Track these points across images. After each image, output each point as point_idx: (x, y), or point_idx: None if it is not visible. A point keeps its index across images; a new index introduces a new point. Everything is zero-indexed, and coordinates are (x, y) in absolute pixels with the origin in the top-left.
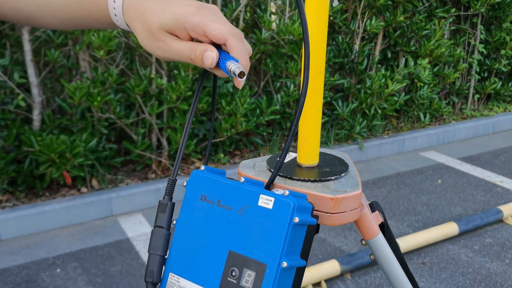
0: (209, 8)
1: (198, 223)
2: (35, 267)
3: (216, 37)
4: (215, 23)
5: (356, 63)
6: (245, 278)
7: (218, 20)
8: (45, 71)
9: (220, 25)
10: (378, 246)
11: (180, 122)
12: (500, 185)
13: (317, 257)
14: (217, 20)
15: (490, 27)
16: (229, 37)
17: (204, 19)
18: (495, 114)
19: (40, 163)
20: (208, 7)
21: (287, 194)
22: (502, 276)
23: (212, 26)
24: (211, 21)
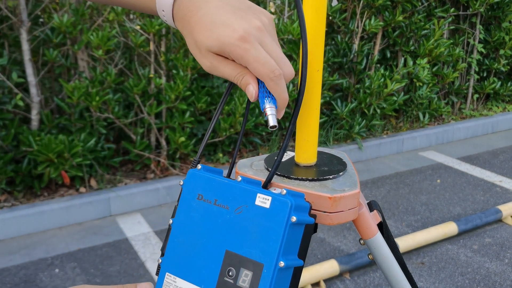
0: (255, 36)
1: (194, 222)
2: (33, 267)
3: (256, 76)
4: (256, 62)
5: (355, 62)
6: (242, 278)
7: (260, 58)
8: (43, 71)
9: (260, 65)
10: (377, 246)
11: (178, 121)
12: (499, 185)
13: (316, 257)
14: (259, 57)
15: (489, 27)
16: (267, 80)
17: (247, 54)
18: (494, 114)
19: (39, 163)
20: (254, 35)
21: (284, 193)
22: (501, 276)
23: (253, 65)
24: (253, 59)
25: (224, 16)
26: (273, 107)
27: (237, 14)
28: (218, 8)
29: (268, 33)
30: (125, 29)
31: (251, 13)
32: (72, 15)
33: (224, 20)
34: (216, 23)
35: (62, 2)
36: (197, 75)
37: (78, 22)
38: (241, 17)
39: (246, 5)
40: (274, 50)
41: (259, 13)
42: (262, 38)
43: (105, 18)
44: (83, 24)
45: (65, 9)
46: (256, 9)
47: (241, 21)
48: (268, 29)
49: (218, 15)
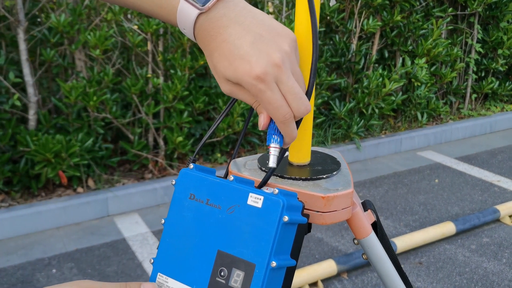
0: (272, 75)
1: (186, 222)
2: (30, 268)
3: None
4: (269, 104)
5: (353, 62)
6: (234, 278)
7: (273, 101)
8: (40, 71)
9: (273, 108)
10: (371, 246)
11: (176, 121)
12: (497, 185)
13: (314, 257)
14: (272, 100)
15: (487, 26)
16: (277, 122)
17: (261, 94)
18: (492, 113)
19: (36, 163)
20: (271, 74)
21: (276, 193)
22: (499, 276)
23: (266, 106)
24: (267, 100)
25: (243, 48)
26: (278, 147)
27: (257, 45)
28: (238, 37)
29: (289, 63)
30: (123, 28)
31: (273, 42)
32: (69, 14)
33: (242, 53)
34: (234, 55)
35: (59, 2)
36: (194, 75)
37: (76, 22)
38: (260, 50)
39: (269, 29)
40: (290, 88)
41: (281, 39)
42: (280, 76)
43: (102, 17)
44: (80, 23)
45: (62, 9)
46: (279, 34)
47: (260, 56)
48: (290, 58)
49: (237, 45)
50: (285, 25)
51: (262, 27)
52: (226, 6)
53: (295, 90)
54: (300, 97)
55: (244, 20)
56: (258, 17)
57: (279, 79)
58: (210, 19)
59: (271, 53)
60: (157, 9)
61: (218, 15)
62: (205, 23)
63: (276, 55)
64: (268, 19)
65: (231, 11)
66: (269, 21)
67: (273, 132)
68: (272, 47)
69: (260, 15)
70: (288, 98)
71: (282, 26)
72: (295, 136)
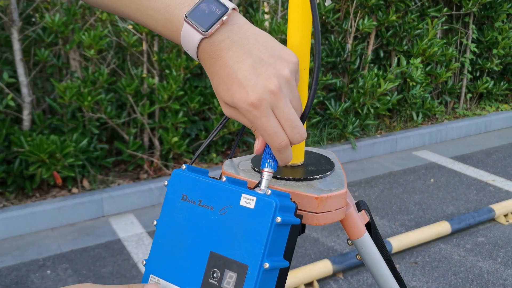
0: (268, 102)
1: (179, 223)
2: (25, 269)
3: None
4: (264, 131)
5: (348, 62)
6: (227, 280)
7: (268, 128)
8: (35, 71)
9: (267, 135)
10: (364, 246)
11: (171, 121)
12: (492, 184)
13: (309, 257)
14: (267, 127)
15: (482, 26)
16: (272, 149)
17: (256, 121)
18: (487, 113)
19: (30, 164)
20: (267, 101)
21: (269, 194)
22: (494, 275)
23: (261, 132)
24: (262, 127)
25: (241, 72)
26: (271, 172)
27: (255, 70)
28: (238, 60)
29: (287, 89)
30: (118, 28)
31: (272, 67)
32: (63, 14)
33: (240, 78)
34: (232, 79)
35: (53, 2)
36: (190, 75)
37: (70, 22)
38: (258, 75)
39: (271, 52)
40: (286, 115)
41: (282, 62)
42: (276, 103)
43: (97, 17)
44: (75, 23)
45: (57, 9)
46: (281, 57)
47: (257, 81)
48: (288, 84)
49: (236, 70)
50: (280, 25)
51: (263, 50)
52: (230, 29)
53: (290, 117)
54: (296, 125)
55: (247, 42)
56: (261, 39)
57: (275, 106)
58: (212, 42)
59: (268, 79)
60: (160, 28)
61: (220, 38)
62: (207, 46)
63: (274, 82)
64: (271, 41)
65: (234, 34)
66: (272, 44)
67: (268, 156)
68: (271, 72)
69: (264, 37)
70: (284, 125)
71: (285, 49)
72: (289, 161)
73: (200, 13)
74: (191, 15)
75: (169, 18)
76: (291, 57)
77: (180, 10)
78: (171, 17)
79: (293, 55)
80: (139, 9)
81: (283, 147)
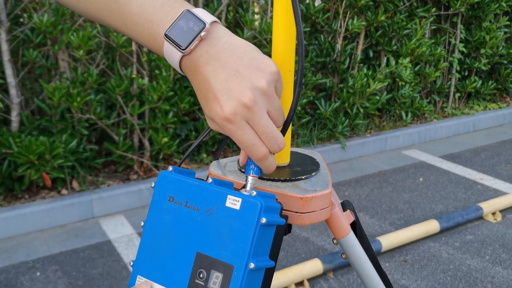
0: (242, 115)
1: (166, 224)
2: (14, 271)
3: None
4: (241, 143)
5: (338, 62)
6: (213, 280)
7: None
8: (23, 72)
9: (245, 147)
10: (350, 245)
11: (161, 122)
12: (480, 183)
13: (300, 256)
14: (243, 140)
15: (470, 26)
16: (253, 159)
17: (232, 134)
18: (475, 112)
19: (19, 165)
20: (240, 115)
21: (254, 195)
22: (482, 273)
23: (239, 145)
24: (238, 140)
25: (216, 86)
26: (256, 177)
27: (229, 84)
28: (213, 74)
29: (264, 100)
30: (107, 29)
31: (247, 80)
32: (52, 14)
33: (215, 92)
34: (209, 93)
35: (42, 2)
36: (179, 75)
37: (59, 22)
38: (231, 89)
39: (248, 63)
40: (262, 127)
41: (259, 74)
42: (250, 116)
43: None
44: (63, 24)
45: (45, 9)
46: (258, 67)
47: (230, 95)
48: (265, 95)
49: (213, 83)
50: (270, 26)
51: (239, 62)
52: (208, 44)
53: (266, 129)
54: (272, 136)
55: (223, 55)
56: (238, 51)
57: (250, 119)
58: (191, 58)
59: (242, 92)
60: (146, 42)
61: (199, 54)
62: (188, 62)
63: (247, 95)
64: (250, 51)
65: (212, 48)
66: (250, 54)
67: (251, 163)
68: (245, 84)
69: (243, 47)
70: (261, 137)
71: (264, 58)
72: (273, 169)
73: (178, 31)
74: (170, 33)
75: (152, 34)
76: (269, 67)
77: (161, 27)
78: (154, 33)
79: (272, 65)
80: (124, 24)
81: (262, 158)
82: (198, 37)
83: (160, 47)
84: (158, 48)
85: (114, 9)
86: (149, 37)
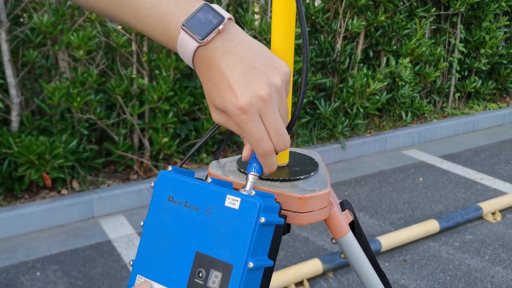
0: (256, 108)
1: (165, 224)
2: (14, 271)
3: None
4: (250, 136)
5: (338, 62)
6: (212, 279)
7: (254, 133)
8: (23, 72)
9: (253, 140)
10: (348, 245)
11: (161, 122)
12: (480, 183)
13: (299, 256)
14: (254, 132)
15: (470, 26)
16: (257, 154)
17: (243, 125)
18: (475, 112)
19: (19, 165)
20: (255, 106)
21: (253, 194)
22: (481, 272)
23: (247, 138)
24: (248, 132)
25: (232, 77)
26: (257, 176)
27: (247, 76)
28: (229, 67)
29: (277, 97)
30: (107, 29)
31: (263, 75)
32: (52, 15)
33: (231, 83)
34: (224, 84)
35: (42, 2)
36: (179, 75)
37: (59, 22)
38: (249, 81)
39: (263, 61)
40: (273, 123)
41: (274, 72)
42: (264, 109)
43: (86, 17)
44: (63, 24)
45: (45, 9)
46: (272, 65)
47: (247, 87)
48: (278, 92)
49: (228, 75)
50: (269, 25)
51: (256, 58)
52: (225, 38)
53: (277, 125)
54: (281, 133)
55: (240, 50)
56: (254, 48)
57: (263, 113)
58: (207, 49)
59: (259, 86)
60: (158, 35)
61: (215, 46)
62: (202, 53)
63: (264, 89)
64: (265, 50)
65: (229, 42)
66: (265, 53)
67: (254, 161)
68: (262, 79)
69: (258, 46)
70: (270, 132)
71: (278, 59)
72: (274, 168)
73: (197, 22)
74: (188, 23)
75: (166, 26)
76: (283, 67)
77: (178, 19)
78: (168, 25)
79: (285, 66)
80: (136, 17)
81: (267, 153)
82: (216, 30)
83: (173, 38)
84: (172, 40)
85: (125, 4)
86: (162, 29)
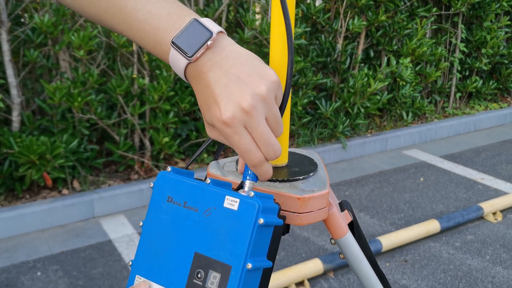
0: (240, 120)
1: (164, 224)
2: (15, 271)
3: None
4: (237, 149)
5: (339, 62)
6: (211, 280)
7: (241, 146)
8: (24, 72)
9: (241, 152)
10: (347, 245)
11: (162, 122)
12: (481, 183)
13: (300, 256)
14: (240, 145)
15: (471, 26)
16: (248, 166)
17: (229, 139)
18: (476, 112)
19: (20, 165)
20: (239, 119)
21: (252, 195)
22: (482, 273)
23: (236, 150)
24: (235, 145)
25: (217, 90)
26: (253, 182)
27: (230, 88)
28: (215, 80)
29: (263, 107)
30: (107, 29)
31: (247, 86)
32: (53, 15)
33: (216, 96)
34: (210, 98)
35: (42, 2)
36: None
37: (59, 22)
38: (231, 93)
39: (249, 71)
40: (259, 134)
41: (260, 81)
42: (248, 121)
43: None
44: (64, 24)
45: (46, 9)
46: (258, 74)
47: (230, 99)
48: (265, 102)
49: (214, 88)
50: (270, 25)
51: (241, 69)
52: (213, 52)
53: (264, 136)
54: (269, 143)
55: (226, 63)
56: (240, 58)
57: (248, 125)
58: (197, 65)
59: (242, 97)
60: (151, 48)
61: (204, 61)
62: (192, 69)
63: (247, 100)
64: (252, 60)
65: (216, 55)
66: (252, 62)
67: (249, 169)
68: (246, 90)
69: (245, 56)
70: (258, 143)
71: (265, 67)
72: (268, 176)
73: (186, 38)
74: (177, 40)
75: (158, 41)
76: (270, 75)
77: (168, 34)
78: (160, 40)
79: (273, 74)
80: (130, 29)
81: (257, 164)
82: (204, 46)
83: (165, 54)
84: (164, 55)
85: (119, 15)
86: (154, 43)
